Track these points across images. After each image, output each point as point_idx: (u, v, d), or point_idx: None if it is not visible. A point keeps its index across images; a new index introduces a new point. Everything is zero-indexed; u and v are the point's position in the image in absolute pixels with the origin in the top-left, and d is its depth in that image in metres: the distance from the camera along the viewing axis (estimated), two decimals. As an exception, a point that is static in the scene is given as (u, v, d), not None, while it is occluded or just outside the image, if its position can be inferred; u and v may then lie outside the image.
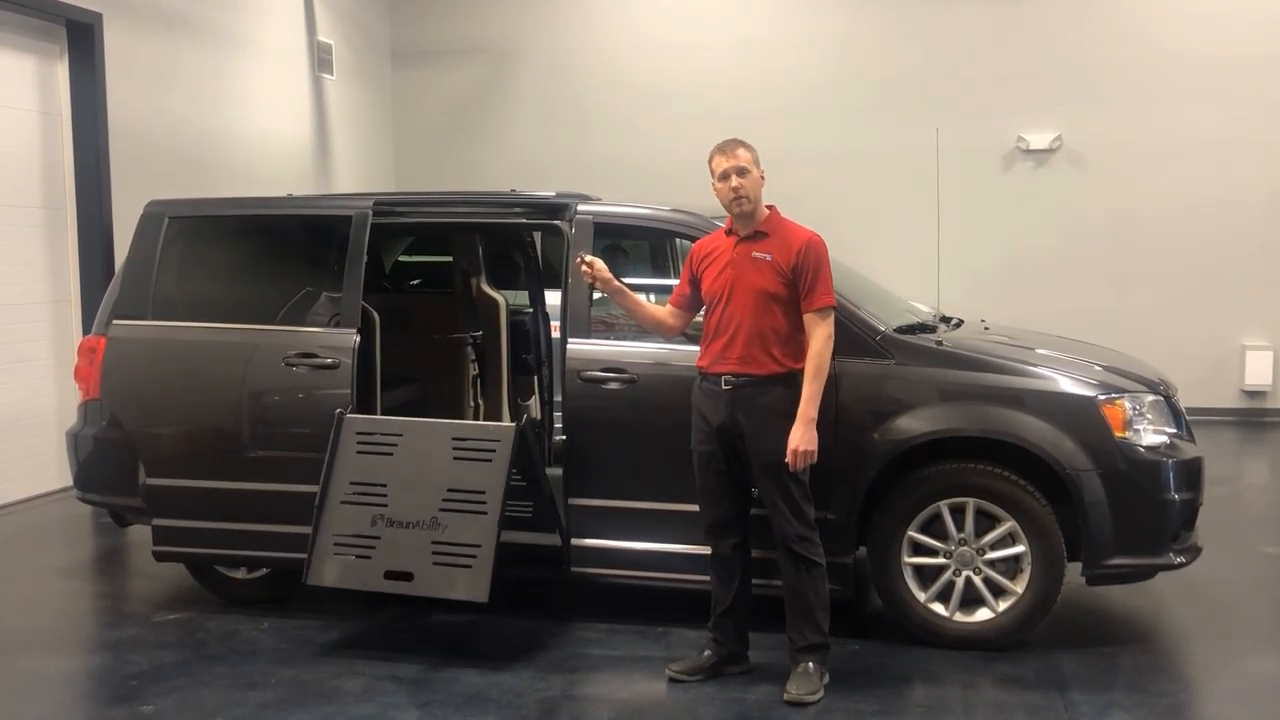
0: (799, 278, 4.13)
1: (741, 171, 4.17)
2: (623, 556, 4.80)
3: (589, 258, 4.38)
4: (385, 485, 4.53)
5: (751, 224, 4.22)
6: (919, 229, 10.05)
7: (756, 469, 4.17)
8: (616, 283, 4.38)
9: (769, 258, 4.15)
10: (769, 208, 4.28)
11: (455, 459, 4.49)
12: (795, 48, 10.82)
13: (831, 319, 4.17)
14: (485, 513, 4.34)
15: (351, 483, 4.57)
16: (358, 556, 4.42)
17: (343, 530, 4.48)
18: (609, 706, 4.14)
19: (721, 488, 4.26)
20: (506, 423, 4.57)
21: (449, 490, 4.44)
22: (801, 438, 4.05)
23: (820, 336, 4.11)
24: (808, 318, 4.14)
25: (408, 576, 4.32)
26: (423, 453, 4.57)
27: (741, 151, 4.21)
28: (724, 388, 4.16)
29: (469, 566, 4.29)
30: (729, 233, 4.30)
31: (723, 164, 4.19)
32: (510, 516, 4.55)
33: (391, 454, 4.59)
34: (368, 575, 4.36)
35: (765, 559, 4.33)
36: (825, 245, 4.22)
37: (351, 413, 4.84)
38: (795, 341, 4.15)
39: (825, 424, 4.46)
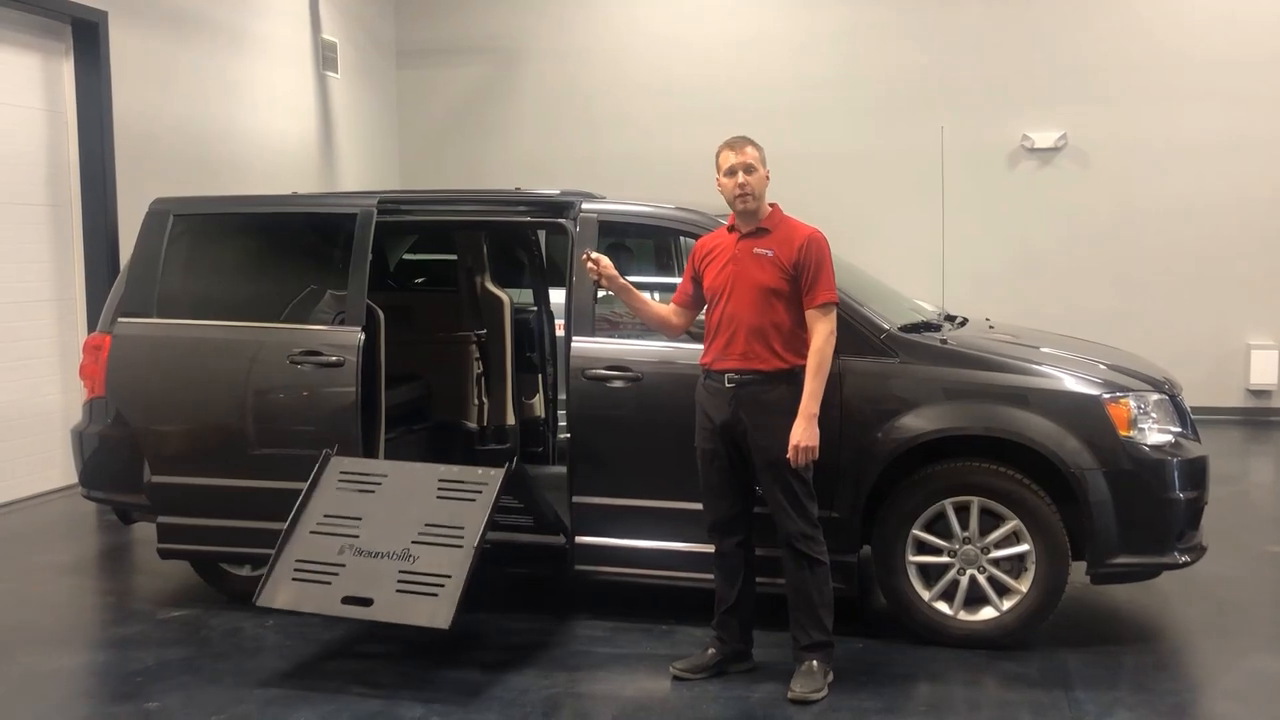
0: (801, 274, 4.13)
1: (749, 169, 4.17)
2: (627, 554, 4.80)
3: (595, 254, 4.39)
4: (359, 519, 4.36)
5: (754, 221, 4.23)
6: (924, 228, 10.07)
7: (759, 466, 4.17)
8: (622, 280, 4.39)
9: (771, 254, 4.16)
10: (771, 205, 4.29)
11: (438, 498, 4.36)
12: (800, 46, 10.82)
13: (834, 315, 4.17)
14: (460, 546, 4.16)
15: (325, 515, 4.41)
16: (316, 582, 4.21)
17: (306, 556, 4.27)
18: (613, 704, 4.14)
19: (725, 486, 4.26)
20: (495, 469, 4.39)
21: (426, 524, 4.27)
22: (803, 434, 4.05)
23: (822, 333, 4.12)
24: (810, 314, 4.14)
25: (366, 602, 4.09)
26: (405, 491, 4.44)
27: (750, 149, 4.23)
28: (727, 385, 4.16)
29: (434, 595, 4.07)
30: (731, 229, 4.31)
31: (731, 159, 4.20)
32: (509, 524, 4.54)
33: (373, 491, 4.46)
34: (323, 600, 4.12)
35: (769, 557, 4.34)
36: (827, 241, 4.23)
37: (358, 416, 4.85)
38: (797, 337, 4.16)
39: (830, 422, 4.47)
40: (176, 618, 5.13)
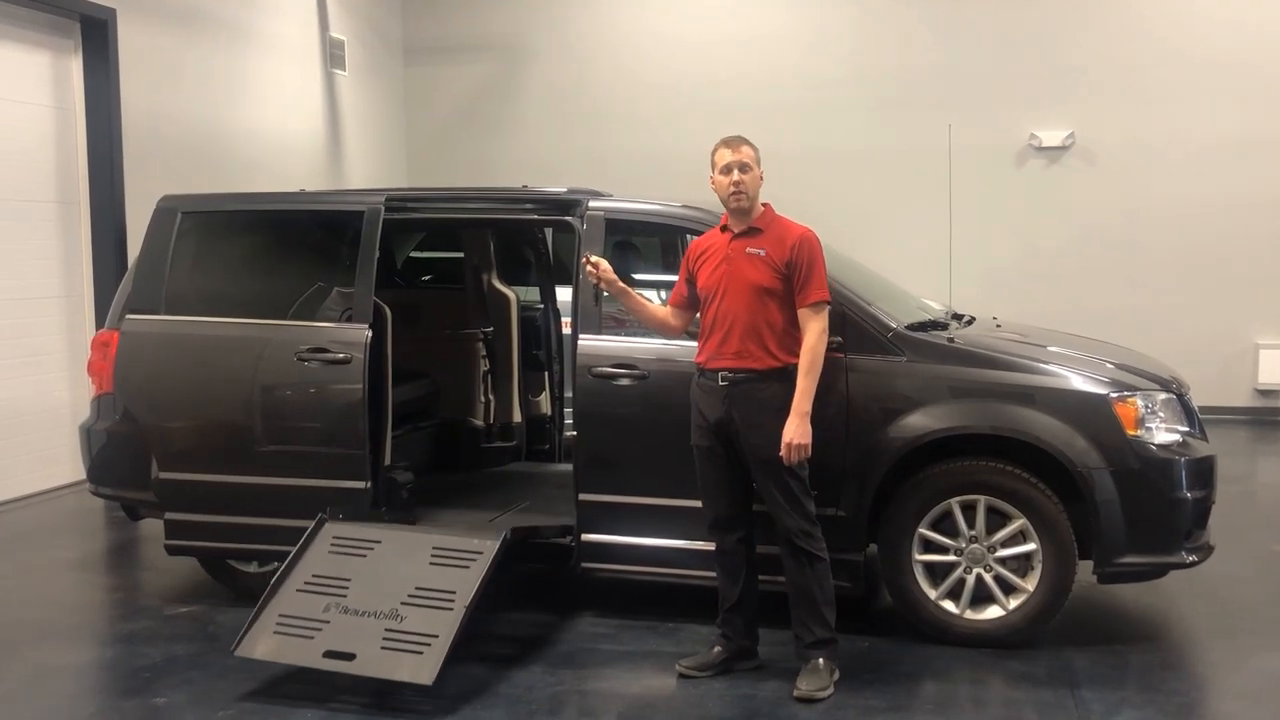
0: (793, 273, 4.15)
1: (744, 167, 4.19)
2: (633, 552, 4.81)
3: (594, 258, 4.40)
4: (349, 580, 4.29)
5: (746, 220, 4.24)
6: (931, 226, 10.06)
7: (754, 463, 4.17)
8: (620, 284, 4.40)
9: (763, 253, 4.17)
10: (764, 205, 4.30)
11: (431, 564, 4.28)
12: (808, 44, 10.81)
13: (825, 314, 4.18)
14: (450, 609, 4.09)
15: (314, 575, 4.34)
16: (298, 636, 4.13)
17: (290, 612, 4.20)
18: (619, 702, 4.14)
19: (722, 483, 4.27)
20: (490, 539, 4.33)
21: (417, 588, 4.20)
22: (795, 431, 4.06)
23: (814, 331, 4.12)
24: (802, 312, 4.15)
25: (349, 656, 4.01)
26: (398, 556, 4.38)
27: (746, 148, 4.24)
28: (720, 383, 4.17)
29: (419, 653, 3.98)
30: (724, 229, 4.32)
31: (726, 157, 4.22)
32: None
33: (364, 556, 4.39)
34: (305, 653, 4.04)
35: (771, 555, 4.34)
36: (819, 241, 4.24)
37: (365, 412, 4.87)
38: (790, 336, 4.17)
39: (836, 420, 4.48)
40: (184, 614, 5.14)
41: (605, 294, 4.57)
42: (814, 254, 4.18)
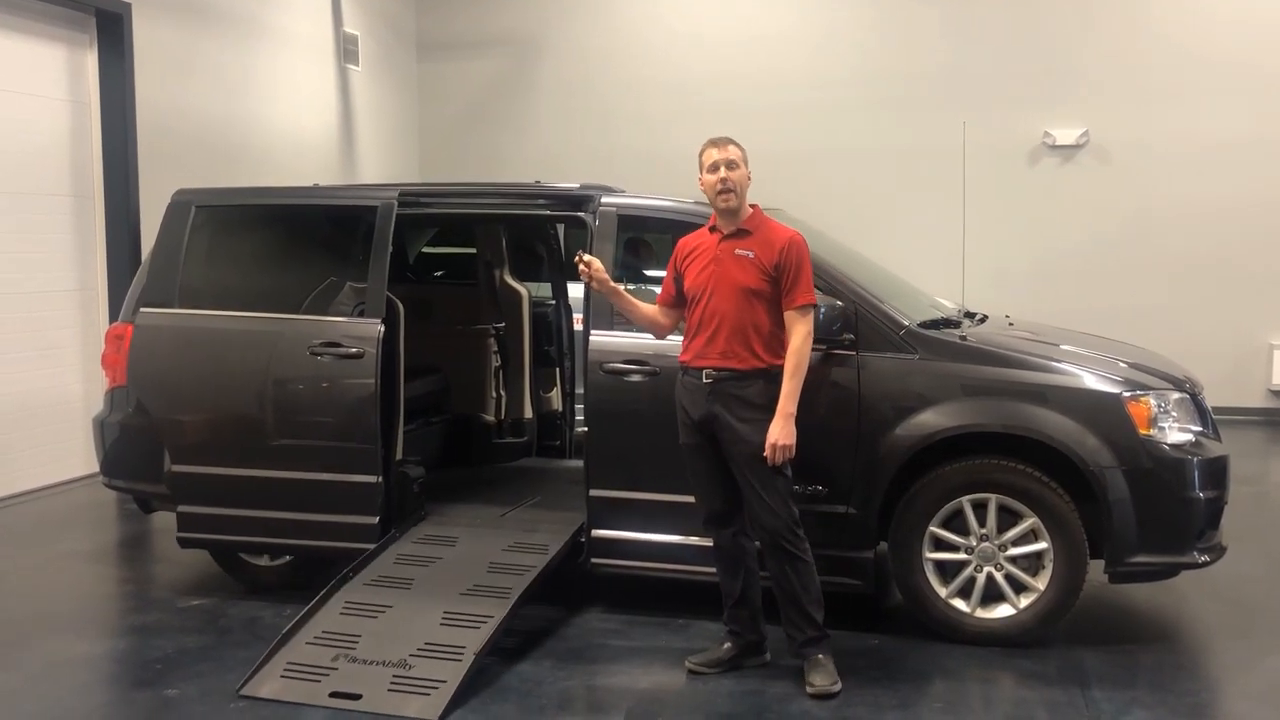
0: (781, 275, 4.14)
1: (731, 165, 4.19)
2: (643, 548, 4.81)
3: (587, 256, 4.39)
4: (359, 636, 4.29)
5: (735, 221, 4.24)
6: (944, 224, 10.04)
7: (737, 462, 4.17)
8: (611, 283, 4.38)
9: (751, 255, 4.17)
10: (752, 206, 4.29)
11: (441, 625, 4.30)
12: (820, 41, 10.78)
13: (811, 317, 4.17)
14: (459, 660, 4.10)
15: (324, 631, 4.33)
16: (304, 680, 4.12)
17: (298, 660, 4.20)
18: (628, 697, 4.15)
19: (713, 479, 4.27)
20: (500, 609, 4.35)
21: (426, 643, 4.21)
22: (780, 432, 4.05)
23: (800, 334, 4.12)
24: (788, 315, 4.14)
25: (355, 697, 4.00)
26: (407, 618, 4.36)
27: (733, 147, 4.24)
28: (704, 381, 4.18)
29: (427, 694, 3.97)
30: (712, 230, 4.31)
31: (714, 156, 4.22)
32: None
33: (375, 618, 4.39)
34: (310, 693, 4.04)
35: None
36: (806, 244, 4.24)
37: (377, 407, 4.88)
38: (776, 338, 4.17)
39: (848, 418, 4.48)
40: (195, 606, 5.16)
41: (597, 292, 4.54)
42: (802, 257, 4.18)
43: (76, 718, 4.04)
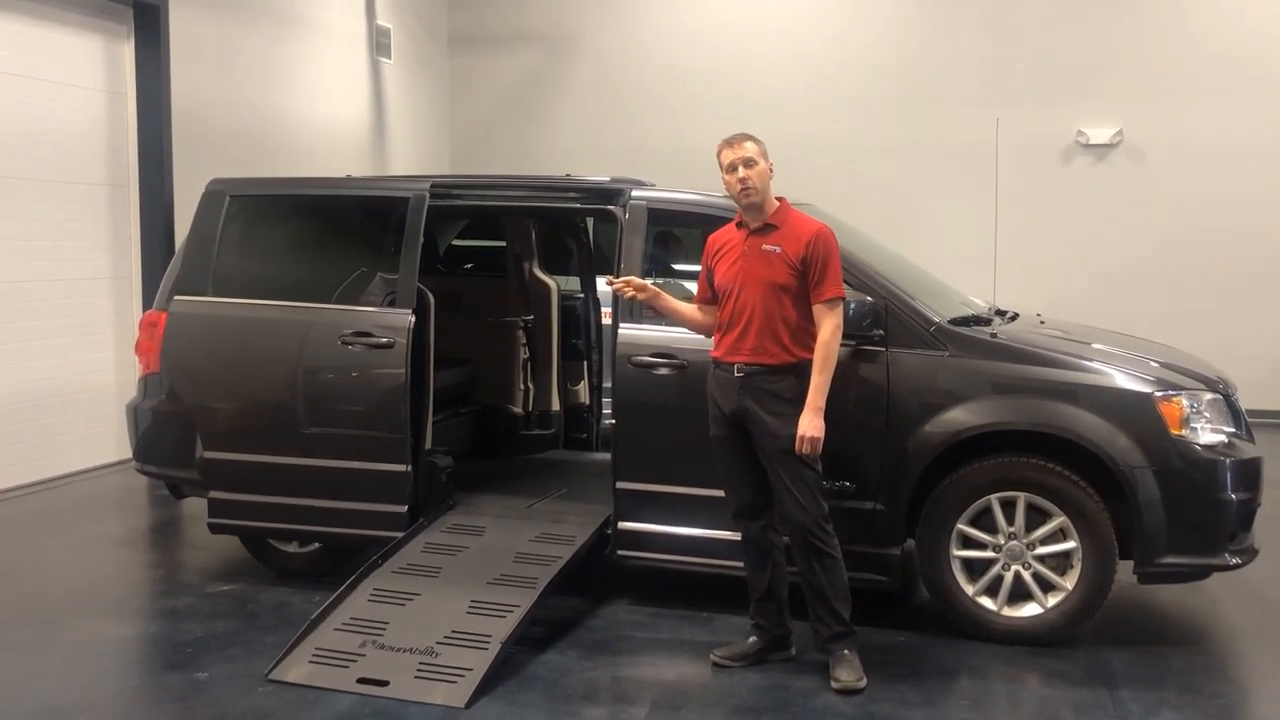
0: (808, 269, 4.13)
1: (748, 163, 4.17)
2: (669, 541, 4.82)
3: (625, 277, 4.40)
4: (386, 623, 4.33)
5: (761, 216, 4.23)
6: (975, 221, 9.97)
7: (767, 455, 4.17)
8: (653, 289, 4.40)
9: (779, 250, 4.16)
10: (779, 200, 4.28)
11: (468, 614, 4.33)
12: (855, 34, 10.74)
13: (840, 310, 4.16)
14: (485, 649, 4.13)
15: (352, 617, 4.38)
16: (333, 665, 4.16)
17: (326, 646, 4.24)
18: (653, 689, 4.16)
19: (743, 471, 4.28)
20: (527, 599, 4.37)
21: (453, 631, 4.24)
22: (809, 425, 4.05)
23: (828, 327, 4.11)
24: (816, 309, 4.13)
25: (383, 683, 4.04)
26: (433, 607, 4.40)
27: (749, 144, 4.22)
28: (736, 375, 4.19)
29: (453, 682, 4.01)
30: (740, 225, 4.31)
31: (729, 156, 4.21)
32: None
33: (403, 605, 4.44)
34: (338, 678, 4.09)
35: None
36: (834, 237, 4.22)
37: (407, 397, 4.92)
38: (805, 332, 4.16)
39: (877, 414, 4.47)
40: (225, 592, 5.22)
41: (643, 305, 4.53)
42: (829, 250, 4.16)
43: (109, 698, 4.10)
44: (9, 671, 4.33)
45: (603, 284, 6.26)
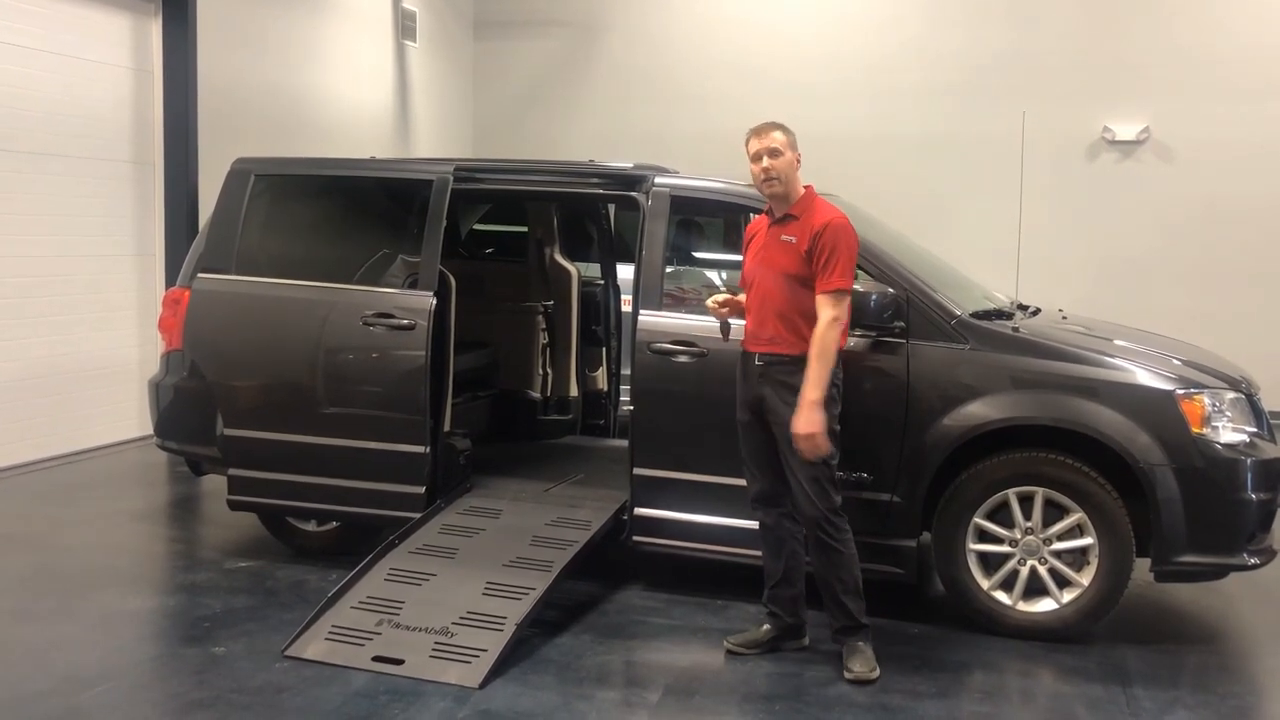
0: (815, 259, 4.09)
1: (773, 153, 4.16)
2: (685, 528, 4.83)
3: (718, 298, 4.44)
4: (403, 602, 4.36)
5: (785, 206, 4.23)
6: (1000, 215, 9.93)
7: (784, 447, 4.16)
8: (725, 295, 4.45)
9: (794, 240, 4.15)
10: (805, 188, 4.26)
11: (484, 595, 4.35)
12: (881, 26, 10.69)
13: (844, 302, 4.10)
14: (500, 630, 4.16)
15: (369, 596, 4.40)
16: (349, 643, 4.20)
17: (343, 624, 4.27)
18: (666, 674, 4.18)
19: (763, 457, 4.28)
20: (541, 581, 4.39)
21: (468, 611, 4.27)
22: (803, 421, 4.00)
23: (824, 318, 4.05)
24: (818, 298, 4.08)
25: (398, 662, 4.07)
26: (450, 586, 4.43)
27: (776, 134, 4.20)
28: (757, 364, 4.20)
29: (468, 662, 4.04)
30: (768, 214, 4.32)
31: (755, 145, 4.20)
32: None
33: (419, 585, 4.46)
34: (353, 656, 4.12)
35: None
36: (849, 228, 4.15)
37: (427, 379, 4.93)
38: None
39: (896, 406, 4.46)
40: (243, 568, 5.26)
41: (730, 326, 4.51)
42: (837, 241, 4.09)
43: (129, 669, 4.15)
44: (34, 641, 4.38)
45: (624, 270, 6.26)
